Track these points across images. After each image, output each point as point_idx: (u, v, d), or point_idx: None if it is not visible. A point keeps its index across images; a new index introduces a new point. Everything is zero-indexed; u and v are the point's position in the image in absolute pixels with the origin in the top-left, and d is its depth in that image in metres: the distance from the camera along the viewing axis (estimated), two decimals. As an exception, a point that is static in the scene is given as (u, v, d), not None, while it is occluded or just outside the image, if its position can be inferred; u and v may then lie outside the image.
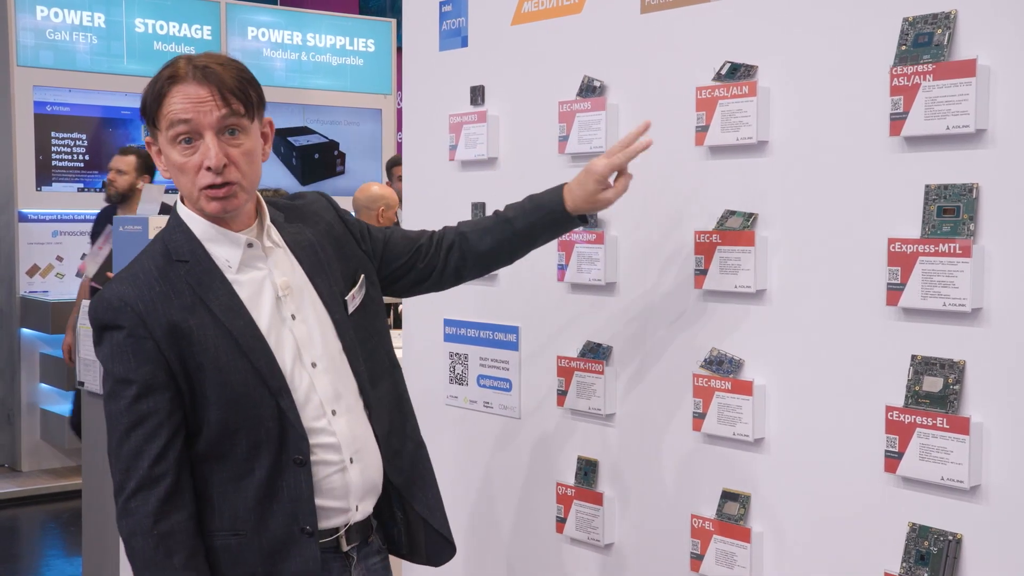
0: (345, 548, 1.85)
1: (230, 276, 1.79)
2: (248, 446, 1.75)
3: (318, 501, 1.79)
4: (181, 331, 1.72)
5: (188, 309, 1.74)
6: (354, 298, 1.92)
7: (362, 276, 1.95)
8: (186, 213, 1.81)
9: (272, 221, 1.87)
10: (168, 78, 1.74)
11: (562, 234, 2.16)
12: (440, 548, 2.00)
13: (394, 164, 6.40)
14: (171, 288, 1.75)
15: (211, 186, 1.74)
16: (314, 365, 1.82)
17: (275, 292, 1.82)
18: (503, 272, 2.55)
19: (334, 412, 1.83)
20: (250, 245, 1.81)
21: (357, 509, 1.86)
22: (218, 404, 1.73)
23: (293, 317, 1.82)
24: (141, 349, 1.71)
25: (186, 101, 1.72)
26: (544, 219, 2.07)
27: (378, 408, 1.92)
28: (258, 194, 1.87)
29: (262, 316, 1.79)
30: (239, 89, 1.76)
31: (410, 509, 1.97)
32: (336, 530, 1.83)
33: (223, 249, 1.79)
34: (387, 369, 1.98)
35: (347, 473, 1.82)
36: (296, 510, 1.77)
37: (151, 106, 1.75)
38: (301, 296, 1.85)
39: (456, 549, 2.03)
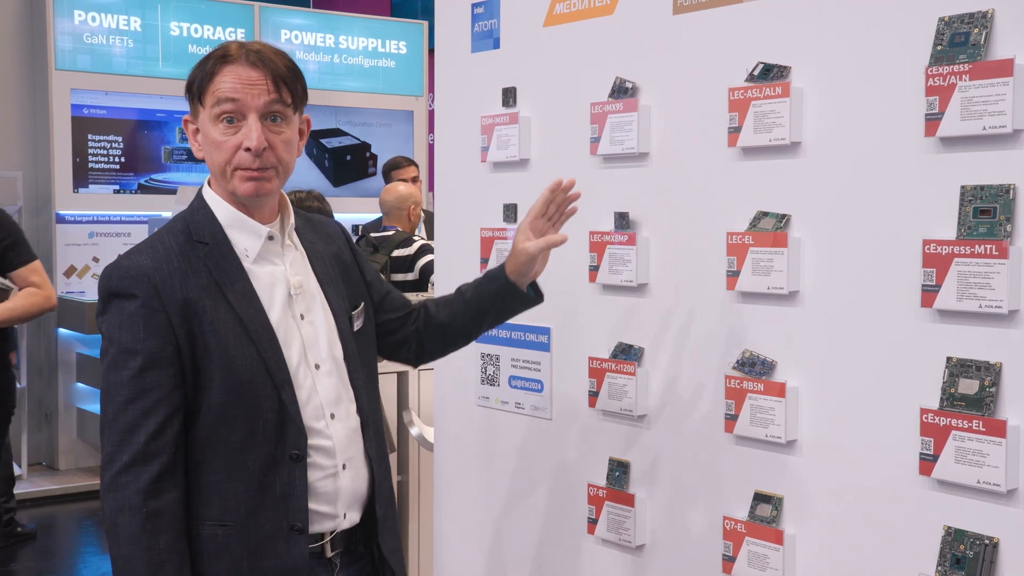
0: (329, 554, 1.84)
1: (246, 265, 1.79)
2: (244, 435, 1.73)
3: (309, 504, 1.78)
4: (194, 309, 1.71)
5: (203, 289, 1.73)
6: (356, 319, 1.93)
7: (363, 304, 1.97)
8: (211, 197, 1.82)
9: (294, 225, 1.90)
10: (220, 57, 1.76)
11: (510, 310, 2.10)
12: None
13: (393, 168, 6.14)
14: (189, 266, 1.74)
15: (248, 167, 1.75)
16: (318, 367, 1.83)
17: (287, 289, 1.82)
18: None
19: (332, 416, 1.83)
20: (271, 238, 1.83)
21: (345, 517, 1.85)
22: (220, 388, 1.72)
23: (302, 317, 1.83)
24: (152, 321, 1.69)
25: (236, 81, 1.74)
26: (489, 288, 2.06)
27: (372, 427, 1.91)
28: (283, 193, 1.89)
29: (273, 309, 1.79)
30: (289, 78, 1.79)
31: (375, 548, 1.93)
32: (322, 536, 1.82)
33: (243, 237, 1.80)
34: (378, 401, 1.98)
35: (338, 479, 1.82)
36: (288, 507, 1.76)
37: (200, 83, 1.76)
38: (312, 299, 1.86)
39: None
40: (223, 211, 1.80)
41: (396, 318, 2.08)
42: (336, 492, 1.82)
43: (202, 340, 1.71)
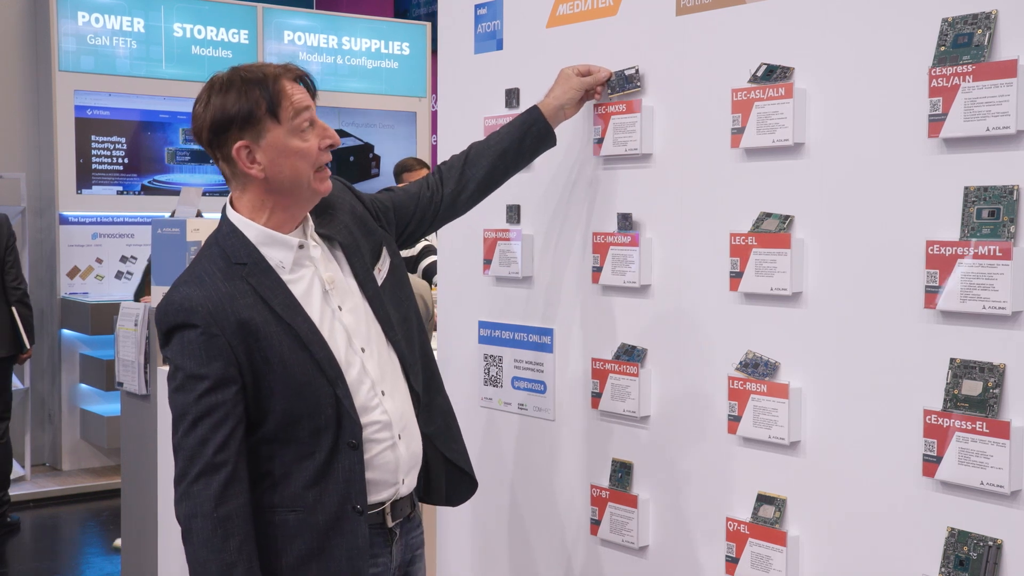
0: (390, 524, 1.95)
1: (284, 276, 1.89)
2: (310, 431, 1.86)
3: (369, 475, 1.89)
4: (249, 328, 1.82)
5: (252, 308, 1.84)
6: (380, 271, 2.03)
7: (384, 248, 2.07)
8: (239, 219, 1.90)
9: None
10: (272, 76, 1.85)
11: (531, 144, 2.28)
12: (461, 486, 2.13)
13: (404, 169, 6.09)
14: (234, 288, 1.84)
15: (324, 165, 1.88)
16: (363, 350, 1.93)
17: (322, 287, 1.92)
18: (537, 274, 2.55)
19: (383, 392, 1.93)
20: (300, 247, 1.92)
21: (403, 483, 1.97)
22: (282, 395, 1.83)
23: (340, 308, 1.93)
24: (213, 346, 1.80)
25: (297, 92, 1.87)
26: (521, 127, 2.26)
27: (415, 367, 2.03)
28: None
29: (314, 310, 1.89)
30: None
31: (436, 455, 2.07)
32: (382, 504, 1.93)
33: (276, 252, 1.89)
34: (417, 329, 2.09)
35: (397, 449, 1.94)
36: (348, 490, 1.87)
37: (270, 103, 1.83)
38: (344, 287, 1.96)
39: (477, 485, 2.14)
40: (253, 231, 1.89)
41: (412, 219, 2.20)
42: (396, 462, 1.94)
43: (260, 355, 1.82)
